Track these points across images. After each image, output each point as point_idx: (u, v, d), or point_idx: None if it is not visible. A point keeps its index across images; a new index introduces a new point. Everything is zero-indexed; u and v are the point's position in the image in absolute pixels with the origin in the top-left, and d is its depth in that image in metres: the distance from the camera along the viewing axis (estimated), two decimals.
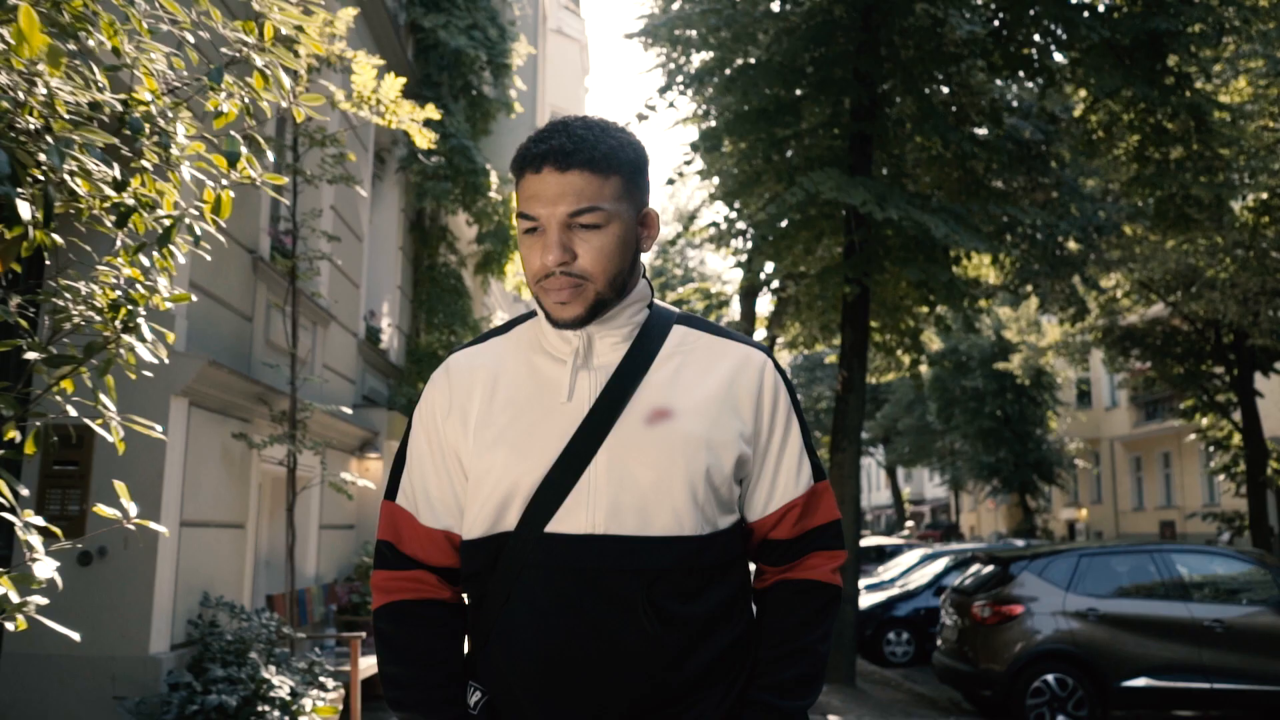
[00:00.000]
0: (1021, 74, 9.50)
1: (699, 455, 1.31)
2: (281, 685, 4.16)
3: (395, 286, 9.28)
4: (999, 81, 9.96)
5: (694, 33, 9.17)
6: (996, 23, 8.99)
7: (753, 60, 9.11)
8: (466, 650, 1.40)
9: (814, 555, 1.43)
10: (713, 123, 9.86)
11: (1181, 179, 9.10)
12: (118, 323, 2.09)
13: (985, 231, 9.32)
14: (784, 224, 9.15)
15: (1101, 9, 9.16)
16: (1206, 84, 10.62)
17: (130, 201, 2.10)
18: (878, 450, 40.04)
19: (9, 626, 1.96)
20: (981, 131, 10.22)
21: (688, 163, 9.63)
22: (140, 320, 2.10)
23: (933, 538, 33.23)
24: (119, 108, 2.06)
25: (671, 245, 21.03)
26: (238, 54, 2.22)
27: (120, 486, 2.17)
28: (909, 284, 9.47)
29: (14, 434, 2.06)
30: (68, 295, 2.08)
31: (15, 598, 1.97)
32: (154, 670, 4.20)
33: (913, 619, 10.95)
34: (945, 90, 9.79)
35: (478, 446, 1.36)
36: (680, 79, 9.50)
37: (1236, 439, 20.44)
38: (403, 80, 4.92)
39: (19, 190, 1.55)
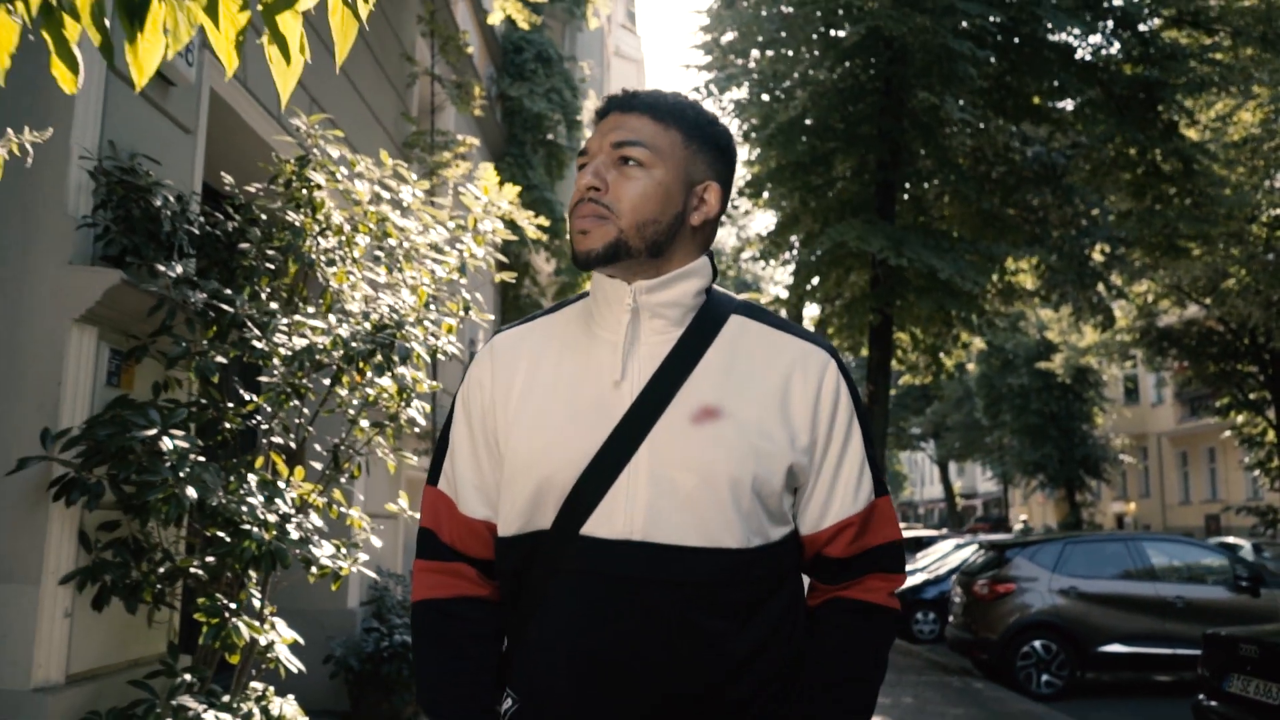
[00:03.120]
0: (1029, 121, 10.88)
1: (747, 463, 1.22)
2: None
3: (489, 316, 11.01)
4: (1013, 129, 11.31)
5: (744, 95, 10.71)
6: (1004, 65, 10.30)
7: (790, 119, 10.61)
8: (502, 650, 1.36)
9: (871, 578, 1.33)
10: (755, 169, 11.41)
11: (1169, 216, 10.40)
12: (402, 402, 3.72)
13: (1001, 257, 10.72)
14: (817, 256, 10.66)
15: (1088, 55, 10.47)
16: (1195, 129, 11.81)
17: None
18: (928, 445, 41.04)
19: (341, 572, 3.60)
20: (999, 167, 11.58)
21: (734, 206, 11.19)
22: (415, 401, 3.73)
23: (983, 530, 34.21)
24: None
25: (736, 261, 22.15)
26: (464, 256, 3.86)
27: (403, 494, 3.84)
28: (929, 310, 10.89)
29: (348, 463, 3.71)
30: (372, 390, 3.71)
31: (345, 560, 3.61)
32: (352, 620, 5.90)
33: (938, 601, 12.34)
34: (966, 137, 11.16)
35: (515, 431, 1.30)
36: (741, 128, 11.03)
37: (1271, 435, 21.29)
38: (517, 189, 6.54)
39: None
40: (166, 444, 2.87)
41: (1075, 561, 8.68)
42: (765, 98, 10.73)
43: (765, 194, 11.22)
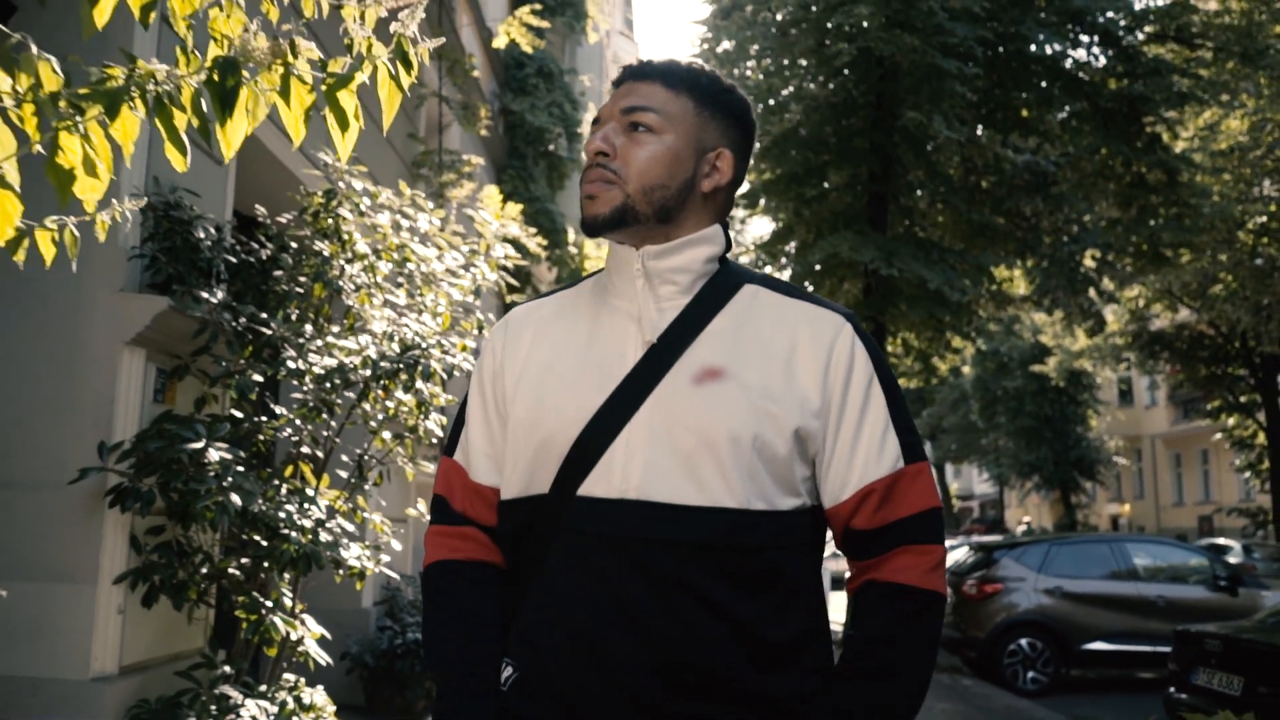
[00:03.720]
0: (1017, 133, 11.20)
1: (747, 422, 1.20)
2: None
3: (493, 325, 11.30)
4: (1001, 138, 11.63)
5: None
6: (991, 79, 10.62)
7: (784, 131, 10.91)
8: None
9: (902, 553, 1.25)
10: (750, 179, 11.72)
11: (1155, 227, 10.72)
12: (421, 416, 4.02)
13: (991, 266, 11.04)
14: (811, 266, 10.98)
15: (1070, 64, 10.80)
16: (1182, 139, 12.13)
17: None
18: (924, 446, 41.32)
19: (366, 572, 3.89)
20: (989, 177, 11.89)
21: (730, 215, 11.51)
22: (433, 414, 4.03)
23: (979, 532, 34.48)
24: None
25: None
26: (477, 279, 4.17)
27: (422, 502, 4.13)
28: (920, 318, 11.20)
29: (371, 471, 4.01)
30: (392, 404, 4.01)
31: (370, 560, 3.89)
32: (366, 618, 6.19)
33: None
34: (955, 151, 11.48)
35: (520, 393, 1.31)
36: None
37: (1261, 438, 21.59)
38: (520, 207, 6.85)
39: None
40: (213, 455, 3.17)
41: (1060, 562, 8.99)
42: (760, 109, 11.04)
43: (760, 203, 11.54)
